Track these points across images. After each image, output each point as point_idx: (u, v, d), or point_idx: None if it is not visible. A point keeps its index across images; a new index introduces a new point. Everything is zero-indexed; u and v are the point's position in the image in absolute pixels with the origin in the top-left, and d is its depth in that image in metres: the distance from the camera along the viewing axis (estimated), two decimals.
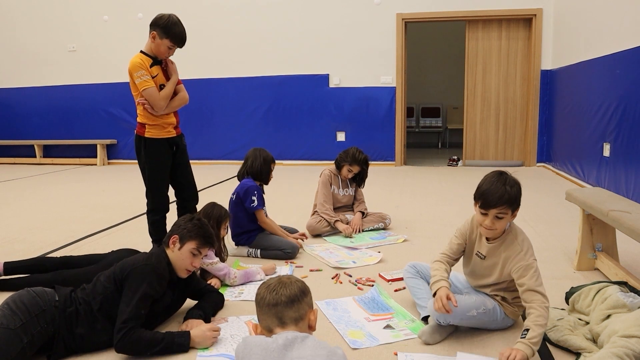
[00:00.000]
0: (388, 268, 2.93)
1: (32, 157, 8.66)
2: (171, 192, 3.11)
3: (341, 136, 7.71)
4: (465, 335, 2.08)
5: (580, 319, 2.09)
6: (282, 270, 2.93)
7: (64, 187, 6.17)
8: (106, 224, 4.18)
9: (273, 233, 3.27)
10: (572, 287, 2.28)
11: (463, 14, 7.20)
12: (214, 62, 7.91)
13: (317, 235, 3.67)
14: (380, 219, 3.82)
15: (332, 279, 2.79)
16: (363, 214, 3.79)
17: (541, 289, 1.90)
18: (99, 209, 4.81)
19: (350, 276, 2.82)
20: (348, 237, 3.60)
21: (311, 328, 1.55)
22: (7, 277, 2.65)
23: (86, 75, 8.38)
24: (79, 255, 2.79)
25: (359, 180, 3.85)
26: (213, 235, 2.27)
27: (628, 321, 1.78)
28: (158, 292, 2.04)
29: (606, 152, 4.84)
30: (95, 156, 8.36)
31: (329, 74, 7.64)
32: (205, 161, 8.00)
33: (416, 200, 4.99)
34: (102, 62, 8.25)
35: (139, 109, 2.96)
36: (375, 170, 5.95)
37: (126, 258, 2.14)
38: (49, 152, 8.76)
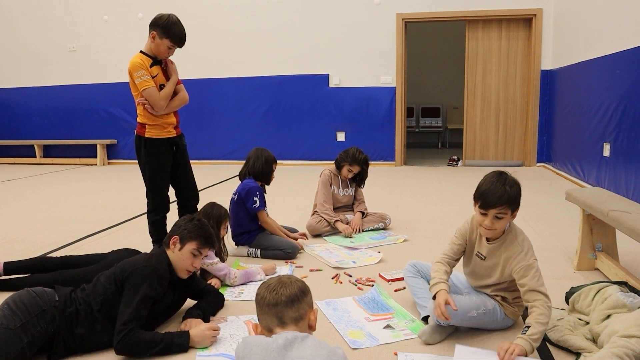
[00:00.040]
0: (388, 268, 2.93)
1: (32, 157, 8.66)
2: (171, 192, 3.11)
3: (341, 136, 7.71)
4: (465, 335, 2.08)
5: (580, 319, 2.09)
6: (282, 270, 2.93)
7: (64, 187, 6.17)
8: (106, 224, 4.18)
9: (274, 233, 3.27)
10: (572, 287, 2.28)
11: (463, 14, 7.20)
12: (214, 62, 7.91)
13: (317, 235, 3.67)
14: (380, 219, 3.82)
15: (332, 279, 2.79)
16: (363, 214, 3.79)
17: (543, 289, 1.90)
18: (99, 209, 4.81)
19: (350, 276, 2.82)
20: (348, 237, 3.60)
21: (311, 328, 1.55)
22: (7, 277, 2.65)
23: (86, 75, 8.38)
24: (79, 255, 2.79)
25: (359, 180, 3.85)
26: (213, 236, 2.27)
27: (628, 321, 1.78)
28: (158, 293, 2.04)
29: (606, 152, 4.84)
30: (95, 156, 8.36)
31: (329, 74, 7.64)
32: (205, 161, 8.00)
33: (416, 200, 4.99)
34: (102, 62, 8.25)
35: (139, 109, 2.96)
36: (375, 170, 5.95)
37: (127, 258, 2.14)
38: (49, 152, 8.76)
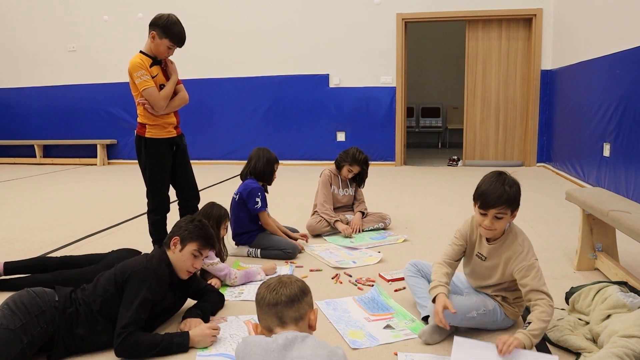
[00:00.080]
0: (388, 268, 2.93)
1: (32, 157, 8.66)
2: (172, 192, 3.11)
3: (341, 136, 7.71)
4: (465, 335, 2.07)
5: (580, 319, 2.09)
6: (282, 270, 2.93)
7: (64, 187, 6.17)
8: (106, 224, 4.18)
9: (274, 234, 3.27)
10: (572, 287, 2.28)
11: (463, 14, 7.20)
12: (214, 62, 7.91)
13: (317, 235, 3.67)
14: (380, 219, 3.82)
15: (332, 279, 2.79)
16: (363, 214, 3.79)
17: (545, 289, 1.90)
18: (99, 209, 4.81)
19: (350, 276, 2.82)
20: (348, 237, 3.60)
21: (311, 328, 1.55)
22: (7, 277, 2.65)
23: (86, 75, 8.38)
24: (79, 255, 2.79)
25: (359, 180, 3.85)
26: (214, 237, 2.27)
27: (628, 321, 1.78)
28: (158, 295, 2.04)
29: (606, 152, 4.84)
30: (95, 156, 8.36)
31: (329, 74, 7.64)
32: (205, 161, 8.00)
33: (416, 200, 4.99)
34: (102, 62, 8.25)
35: (139, 109, 2.96)
36: (375, 170, 5.95)
37: (127, 259, 2.14)
38: (49, 152, 8.76)
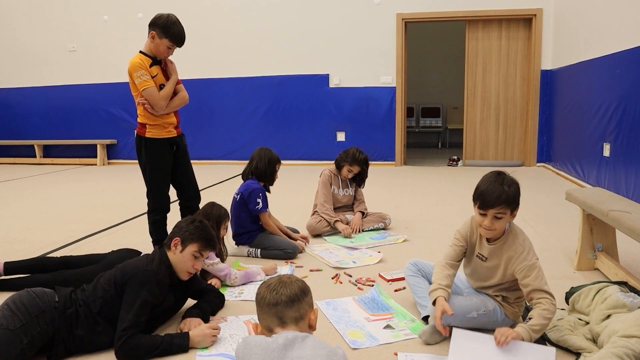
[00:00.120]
0: (388, 268, 2.93)
1: (32, 157, 8.66)
2: (172, 192, 3.11)
3: (341, 136, 7.71)
4: None
5: (580, 319, 2.09)
6: (282, 270, 2.93)
7: (64, 187, 6.17)
8: (106, 224, 4.18)
9: (275, 234, 3.27)
10: (572, 287, 2.28)
11: (463, 14, 7.20)
12: (214, 62, 7.91)
13: (317, 235, 3.67)
14: (380, 219, 3.81)
15: (332, 279, 2.79)
16: (363, 214, 3.79)
17: (547, 288, 1.90)
18: (99, 209, 4.81)
19: (350, 276, 2.82)
20: (348, 237, 3.60)
21: (311, 328, 1.55)
22: (7, 277, 2.65)
23: (86, 75, 8.38)
24: (79, 255, 2.79)
25: (359, 180, 3.85)
26: (215, 238, 2.27)
27: (628, 321, 1.78)
28: (158, 297, 2.04)
29: (606, 152, 4.84)
30: (95, 156, 8.36)
31: (329, 74, 7.64)
32: (205, 161, 8.00)
33: (416, 200, 4.99)
34: (102, 62, 8.25)
35: (139, 109, 2.96)
36: (375, 170, 5.95)
37: (127, 260, 2.14)
38: (49, 152, 8.76)
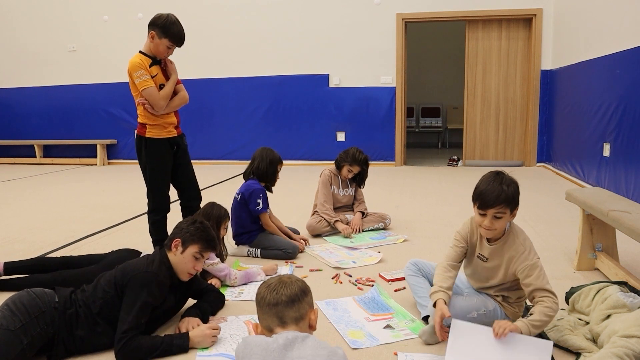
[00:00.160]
0: (388, 268, 2.93)
1: (32, 157, 8.66)
2: (173, 192, 3.11)
3: (341, 136, 7.71)
4: None
5: (580, 319, 2.09)
6: (282, 270, 2.93)
7: (64, 187, 6.17)
8: (106, 224, 4.17)
9: (275, 234, 3.27)
10: (572, 287, 2.28)
11: (463, 14, 7.20)
12: (214, 62, 7.91)
13: (317, 235, 3.67)
14: (380, 219, 3.81)
15: (332, 279, 2.79)
16: (363, 214, 3.79)
17: (549, 287, 1.90)
18: (99, 209, 4.81)
19: (350, 276, 2.82)
20: (348, 237, 3.60)
21: (312, 328, 1.55)
22: (7, 277, 2.65)
23: (86, 75, 8.38)
24: (79, 256, 2.79)
25: (359, 180, 3.85)
26: (215, 239, 2.26)
27: (628, 321, 1.78)
28: (158, 299, 2.04)
29: (606, 152, 4.84)
30: (95, 156, 8.36)
31: (329, 74, 7.64)
32: (205, 161, 8.00)
33: (416, 200, 4.99)
34: (102, 62, 8.25)
35: (139, 109, 2.96)
36: (375, 170, 5.95)
37: (127, 261, 2.14)
38: (49, 152, 8.76)
